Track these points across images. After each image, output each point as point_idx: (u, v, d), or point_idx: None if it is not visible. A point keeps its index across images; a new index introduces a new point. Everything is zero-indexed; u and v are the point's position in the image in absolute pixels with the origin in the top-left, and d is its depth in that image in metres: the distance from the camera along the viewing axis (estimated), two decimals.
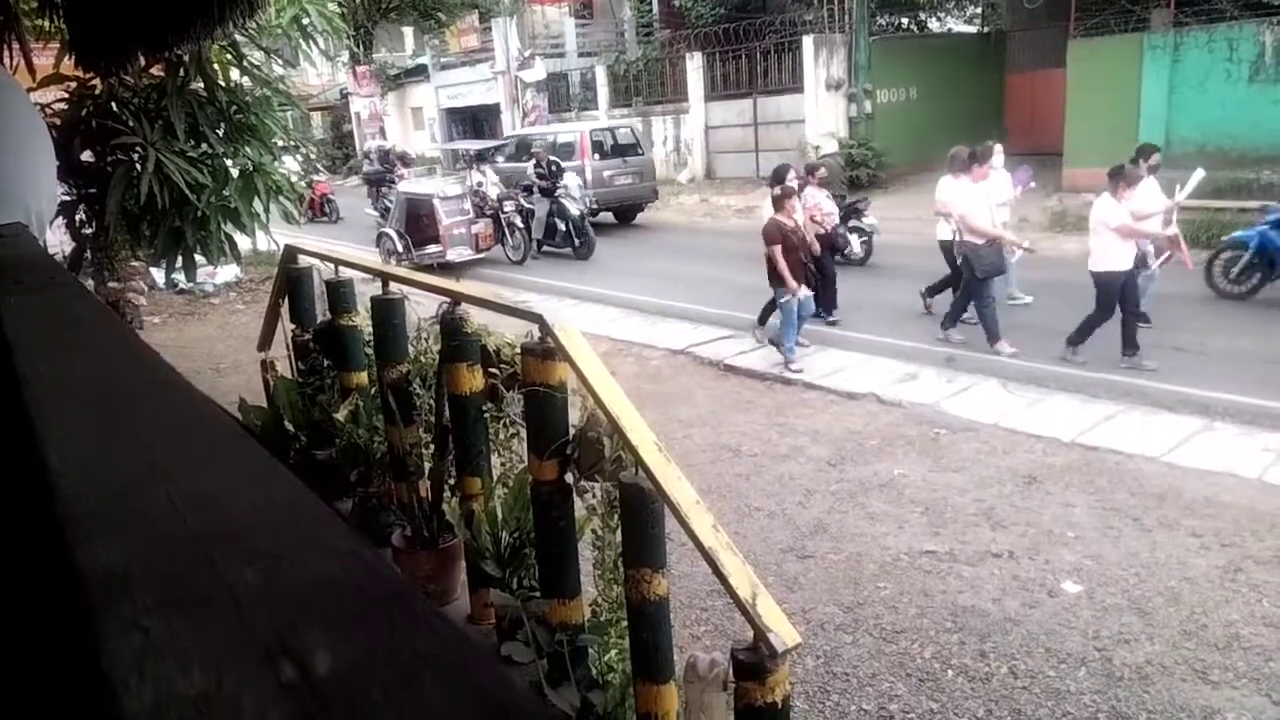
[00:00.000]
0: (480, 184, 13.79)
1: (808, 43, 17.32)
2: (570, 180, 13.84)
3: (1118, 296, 6.99)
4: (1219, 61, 12.64)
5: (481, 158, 14.76)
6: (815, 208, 8.47)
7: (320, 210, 19.38)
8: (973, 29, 22.28)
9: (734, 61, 18.99)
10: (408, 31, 31.01)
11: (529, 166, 14.25)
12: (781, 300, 7.64)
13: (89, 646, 0.31)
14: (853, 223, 11.40)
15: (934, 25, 22.35)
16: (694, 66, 19.63)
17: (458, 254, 13.00)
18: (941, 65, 18.53)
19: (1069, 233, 12.50)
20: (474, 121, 28.09)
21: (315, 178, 19.41)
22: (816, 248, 7.96)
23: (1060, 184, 14.07)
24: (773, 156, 18.27)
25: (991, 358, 7.59)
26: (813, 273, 7.94)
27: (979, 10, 22.12)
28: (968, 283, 7.85)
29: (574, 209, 13.37)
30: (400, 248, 12.93)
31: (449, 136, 28.01)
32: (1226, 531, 4.69)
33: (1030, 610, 4.14)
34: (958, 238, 8.03)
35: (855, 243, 11.34)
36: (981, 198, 7.94)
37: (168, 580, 0.37)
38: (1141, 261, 7.30)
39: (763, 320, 8.39)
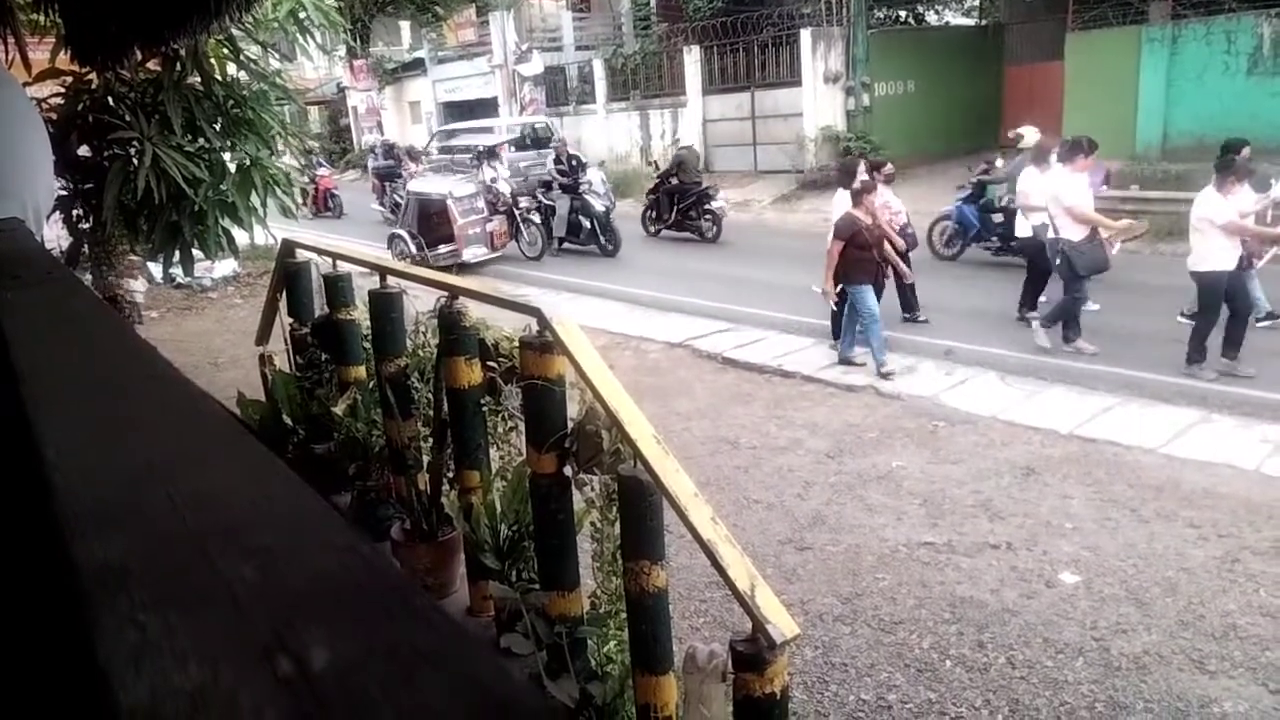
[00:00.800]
0: (493, 181, 13.45)
1: (805, 36, 17.28)
2: (594, 175, 13.40)
3: (1223, 297, 6.62)
4: (1217, 54, 12.63)
5: (492, 154, 14.36)
6: (884, 206, 8.07)
7: (324, 205, 19.19)
8: (971, 22, 22.25)
9: (732, 55, 18.94)
10: (405, 25, 30.92)
11: (548, 161, 13.79)
12: (858, 295, 7.31)
13: (85, 642, 0.31)
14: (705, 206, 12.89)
15: (932, 18, 22.31)
16: (692, 60, 19.58)
17: (473, 254, 12.73)
18: (939, 58, 18.50)
19: None
20: (472, 115, 28.02)
21: (319, 172, 19.27)
22: (900, 243, 7.74)
23: None
24: (770, 150, 18.27)
25: (989, 349, 7.60)
26: (884, 272, 7.57)
27: (977, 3, 22.08)
28: (1067, 281, 7.36)
29: (599, 205, 12.95)
30: (414, 249, 12.65)
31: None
32: (1224, 522, 4.70)
33: (1028, 601, 4.15)
34: (1051, 234, 7.46)
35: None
36: (1085, 189, 7.41)
37: (165, 576, 0.37)
38: (1246, 261, 6.89)
39: (837, 333, 7.92)
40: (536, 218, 13.31)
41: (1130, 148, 13.20)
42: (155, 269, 10.54)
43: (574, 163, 13.54)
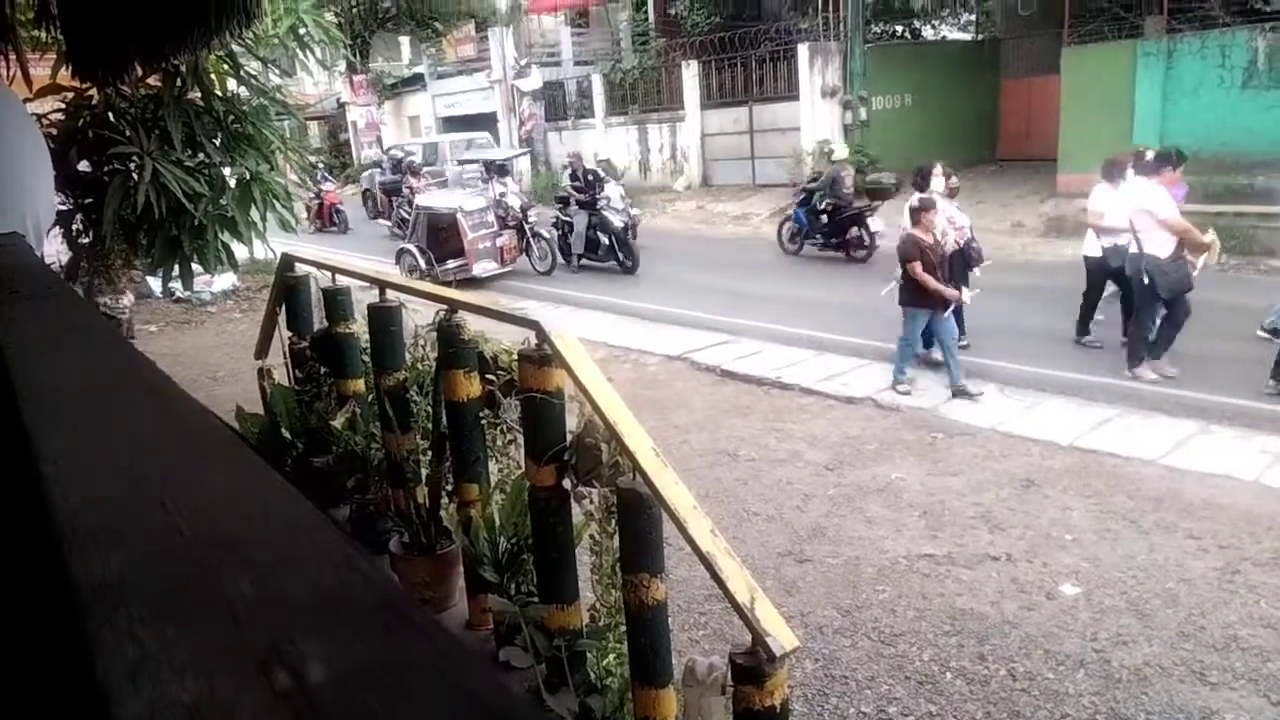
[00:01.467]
0: (502, 195, 13.34)
1: (803, 50, 17.36)
2: (612, 191, 13.08)
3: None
4: (1212, 68, 12.69)
5: (502, 170, 14.21)
6: (948, 220, 7.53)
7: (329, 220, 19.05)
8: (967, 36, 22.36)
9: (730, 69, 19.03)
10: (404, 41, 31.04)
11: (565, 174, 13.44)
12: (912, 318, 7.07)
13: (84, 656, 0.31)
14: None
15: (928, 33, 22.41)
16: (690, 74, 19.67)
17: (483, 269, 12.60)
18: (936, 72, 18.59)
19: (1066, 238, 12.54)
20: (471, 130, 28.11)
21: (325, 187, 19.00)
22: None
23: (1055, 189, 14.11)
24: (768, 164, 18.32)
25: (990, 362, 7.60)
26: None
27: (973, 18, 22.18)
28: (1142, 300, 7.01)
29: (617, 221, 12.68)
30: (423, 264, 12.51)
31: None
32: (1224, 534, 4.70)
33: (1028, 613, 4.14)
34: (1134, 249, 6.98)
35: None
36: (1170, 203, 6.92)
37: (163, 590, 0.37)
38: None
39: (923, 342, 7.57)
40: (545, 232, 13.17)
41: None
42: (154, 283, 10.56)
43: (590, 178, 13.18)
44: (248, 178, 4.88)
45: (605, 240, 12.73)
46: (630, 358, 8.78)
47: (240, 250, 5.35)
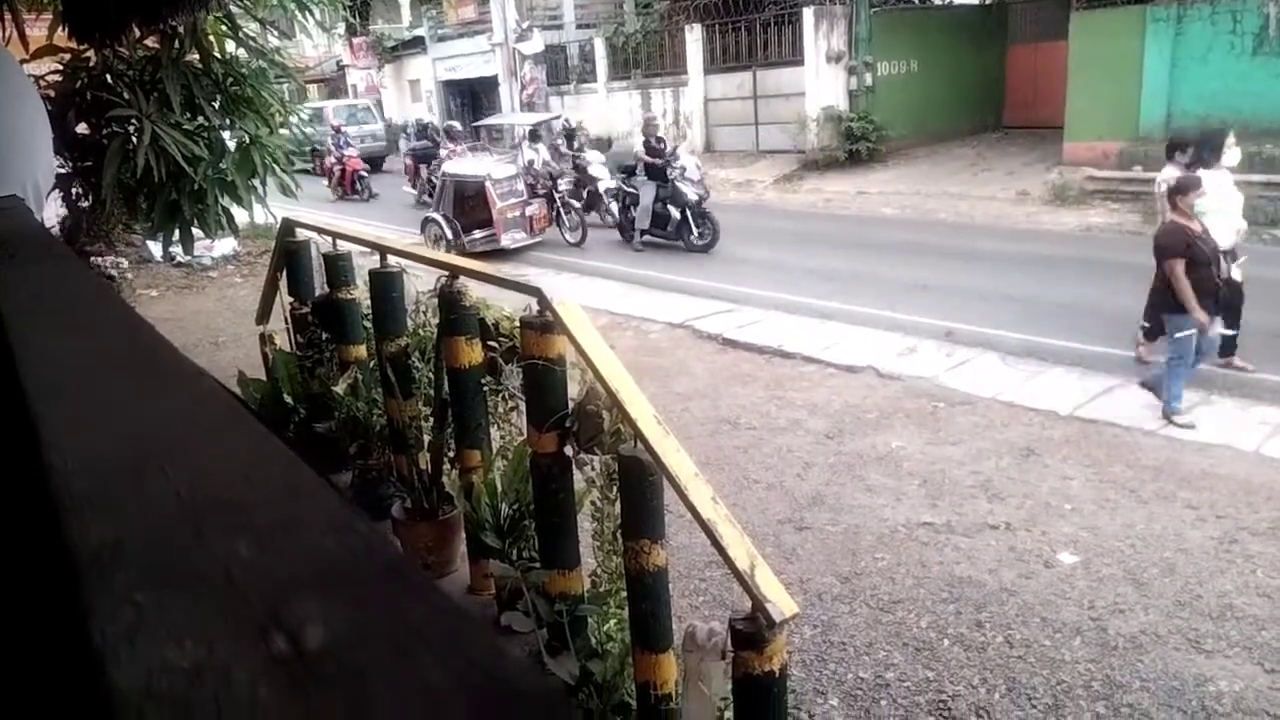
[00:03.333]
0: (532, 162, 12.75)
1: (808, 15, 17.14)
2: (686, 159, 11.77)
3: None
4: (1222, 34, 12.52)
5: (534, 135, 13.53)
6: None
7: (351, 188, 18.34)
8: (974, 1, 22.05)
9: (734, 33, 18.81)
10: (404, 2, 30.68)
11: (637, 143, 12.18)
12: (1180, 334, 5.68)
13: (79, 621, 0.31)
14: None
15: None
16: (693, 38, 19.44)
17: (512, 239, 12.06)
18: (943, 38, 18.37)
19: (1069, 206, 12.47)
20: (472, 94, 27.87)
21: (347, 152, 18.46)
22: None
23: (1061, 158, 14.00)
24: (772, 130, 18.17)
25: (991, 331, 7.58)
26: (1223, 294, 5.83)
27: None
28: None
29: (692, 193, 11.38)
30: (449, 234, 12.02)
31: (446, 109, 27.78)
32: (1222, 503, 4.72)
33: (1026, 581, 4.16)
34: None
35: None
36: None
37: (160, 554, 0.37)
38: None
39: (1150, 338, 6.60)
40: (576, 201, 12.59)
41: (1134, 128, 13.12)
42: (155, 247, 10.53)
43: (662, 144, 11.97)
44: (247, 141, 4.84)
45: (676, 214, 11.54)
46: (632, 325, 8.77)
47: (240, 215, 5.33)
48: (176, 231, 4.91)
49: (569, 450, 2.68)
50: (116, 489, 0.43)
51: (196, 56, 4.66)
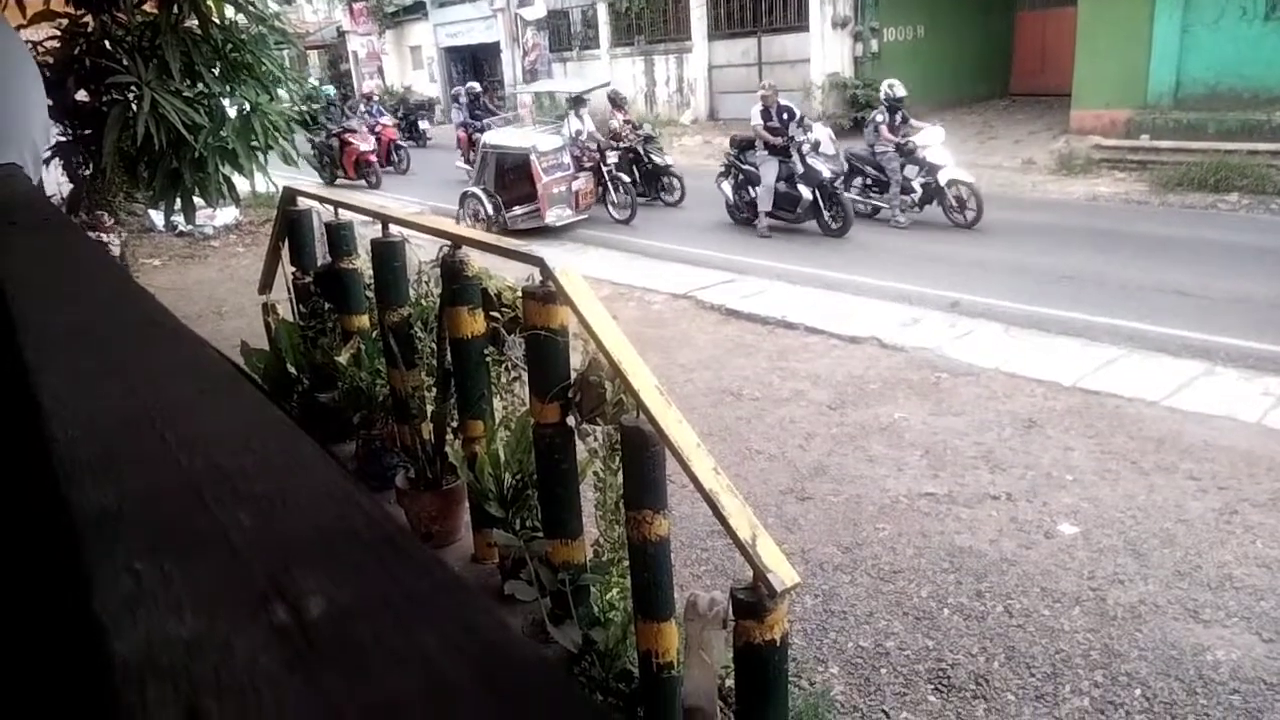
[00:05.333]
0: (579, 133, 11.88)
1: None
2: (820, 132, 10.39)
3: None
4: None
5: (579, 102, 12.63)
6: None
7: (386, 159, 17.15)
8: None
9: None
10: None
11: (754, 111, 10.57)
12: None
13: (80, 589, 0.31)
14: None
15: None
16: (697, 4, 19.22)
17: (556, 215, 11.29)
18: (950, 3, 18.13)
19: (1076, 175, 12.38)
20: (474, 61, 27.63)
21: (382, 121, 17.37)
22: None
23: (1068, 126, 13.88)
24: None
25: (995, 302, 7.56)
26: None
27: None
28: None
29: (825, 171, 9.94)
30: (489, 209, 11.24)
31: (448, 76, 27.55)
32: (1224, 475, 4.72)
33: (1026, 551, 4.19)
34: None
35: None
36: None
37: (161, 523, 0.37)
38: None
39: None
40: (626, 176, 11.76)
41: (1142, 96, 12.98)
42: (157, 216, 10.51)
43: (785, 116, 10.40)
44: (248, 109, 4.81)
45: (808, 194, 10.03)
46: (635, 296, 8.75)
47: (242, 183, 5.30)
48: (178, 200, 4.89)
49: (571, 421, 2.68)
50: (117, 457, 0.43)
51: (195, 22, 4.62)
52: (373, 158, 15.86)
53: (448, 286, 3.15)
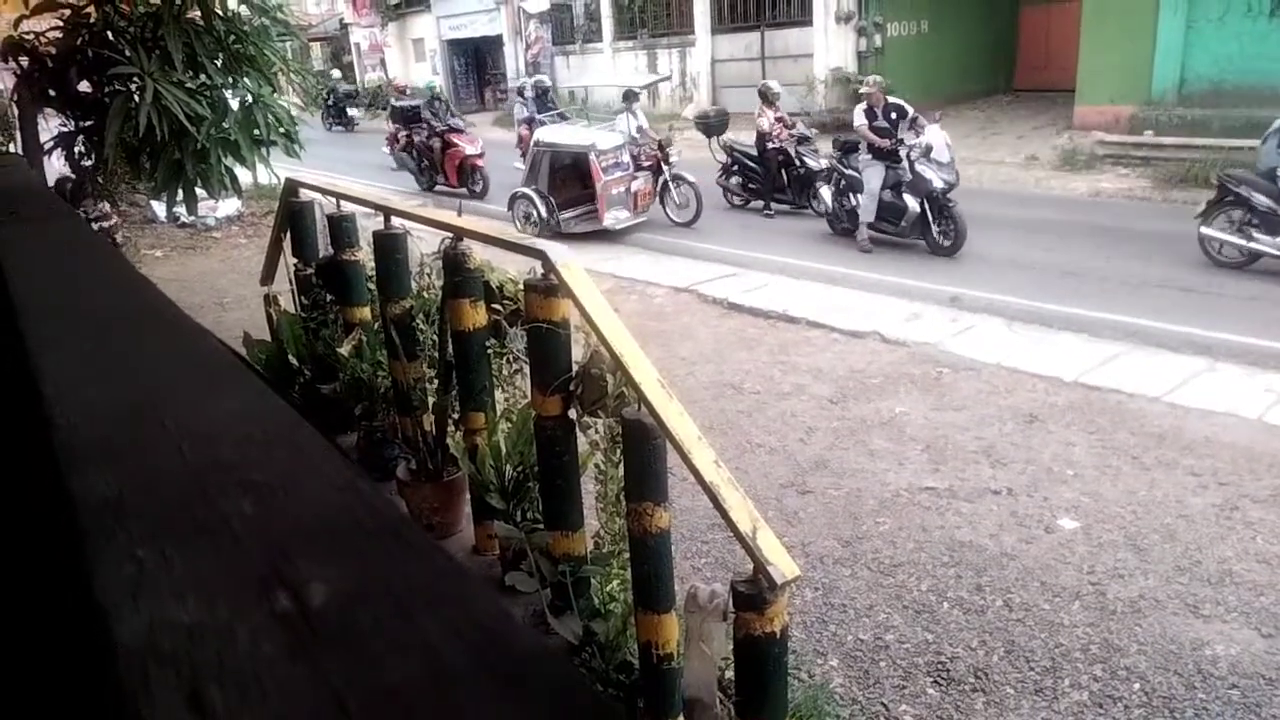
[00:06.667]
0: (640, 129, 11.06)
1: None
2: (934, 135, 8.97)
3: None
4: None
5: (632, 96, 11.78)
6: None
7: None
8: None
9: None
10: None
11: (858, 110, 9.47)
12: None
13: (82, 575, 0.31)
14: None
15: None
16: None
17: (614, 218, 10.51)
18: None
19: (1079, 171, 12.35)
20: (476, 54, 27.58)
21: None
22: None
23: (1071, 121, 13.83)
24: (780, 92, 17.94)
25: (997, 297, 7.54)
26: None
27: None
28: None
29: (936, 180, 8.70)
30: (542, 211, 10.57)
31: (450, 70, 27.51)
32: (1225, 471, 4.72)
33: (1027, 546, 4.19)
34: None
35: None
36: None
37: (163, 510, 0.37)
38: None
39: None
40: (688, 175, 10.83)
41: (1146, 92, 12.93)
42: (159, 207, 10.50)
43: (894, 115, 9.20)
44: (250, 100, 4.80)
45: (914, 206, 8.88)
46: (637, 289, 8.74)
47: (244, 175, 5.30)
48: (180, 191, 4.89)
49: (573, 413, 2.68)
50: (118, 444, 0.43)
51: (198, 13, 4.61)
52: (480, 162, 13.47)
53: (449, 279, 3.15)
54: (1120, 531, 4.25)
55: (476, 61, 27.76)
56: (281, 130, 5.00)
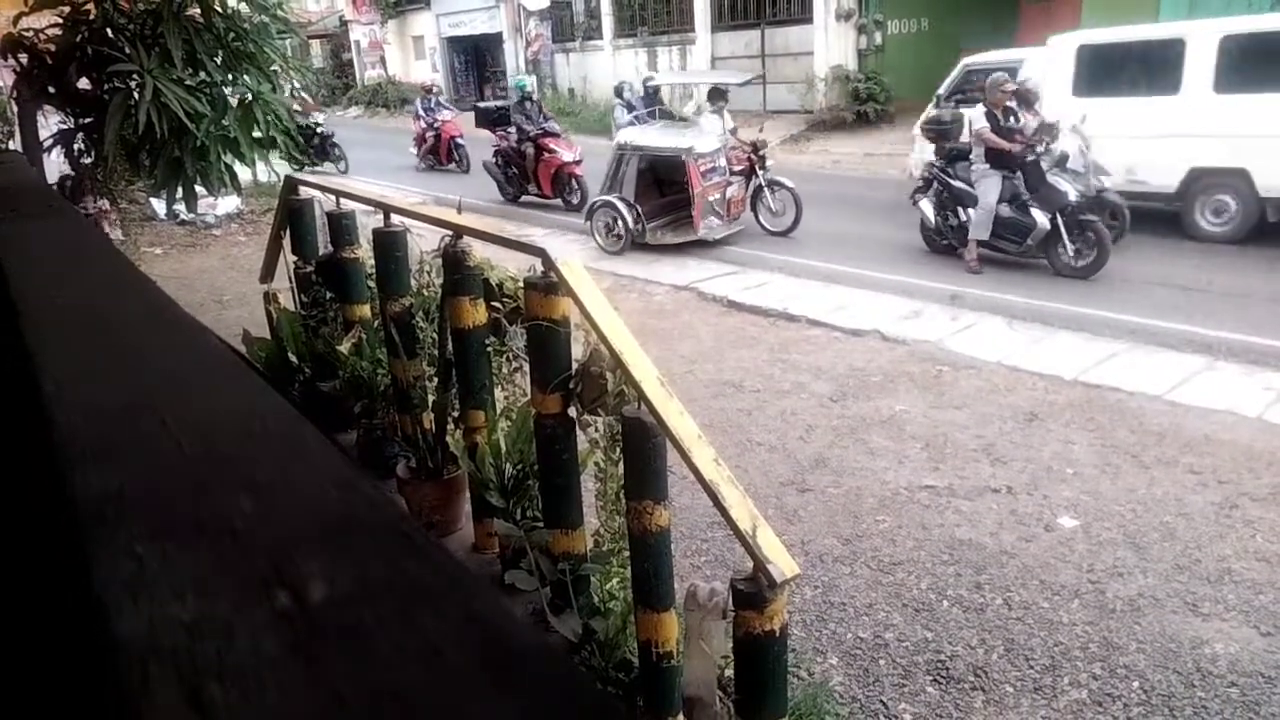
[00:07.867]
0: (734, 131, 10.33)
1: None
2: (1069, 142, 7.97)
3: None
4: None
5: (719, 94, 10.69)
6: None
7: (448, 157, 15.66)
8: None
9: None
10: None
11: (976, 113, 8.24)
12: None
13: (82, 572, 0.31)
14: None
15: None
16: None
17: (709, 228, 9.57)
18: None
19: None
20: (476, 52, 27.55)
21: (443, 115, 15.75)
22: None
23: None
24: (780, 90, 17.94)
25: (998, 295, 7.54)
26: None
27: None
28: None
29: (1070, 193, 7.70)
30: (629, 221, 9.52)
31: (450, 67, 27.48)
32: (1224, 469, 4.72)
33: (1026, 544, 4.19)
34: None
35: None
36: None
37: (163, 508, 0.37)
38: None
39: None
40: (789, 181, 9.87)
41: None
42: (158, 205, 10.49)
43: (1014, 118, 8.20)
44: (249, 98, 4.80)
45: (1043, 222, 7.77)
46: (637, 287, 8.74)
47: (244, 172, 5.30)
48: (179, 189, 4.89)
49: (572, 411, 2.68)
50: (118, 441, 0.43)
51: (197, 10, 4.61)
52: (579, 170, 11.90)
53: (449, 277, 3.14)
54: (1120, 530, 4.25)
55: (476, 59, 27.71)
56: (282, 128, 5.00)
